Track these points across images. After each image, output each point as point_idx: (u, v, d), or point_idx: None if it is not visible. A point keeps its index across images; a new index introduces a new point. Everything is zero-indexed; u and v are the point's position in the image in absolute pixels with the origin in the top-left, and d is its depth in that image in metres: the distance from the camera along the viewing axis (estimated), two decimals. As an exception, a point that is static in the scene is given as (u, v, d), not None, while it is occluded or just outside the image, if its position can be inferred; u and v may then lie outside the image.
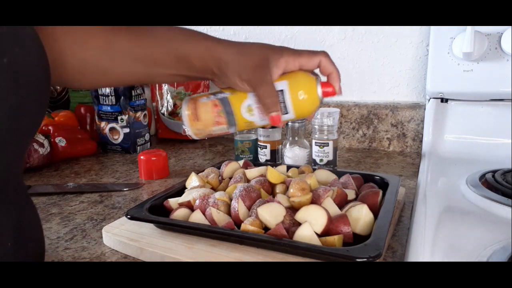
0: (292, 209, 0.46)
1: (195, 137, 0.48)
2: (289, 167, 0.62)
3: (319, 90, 0.44)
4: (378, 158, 0.86)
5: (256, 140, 0.78)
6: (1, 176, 0.28)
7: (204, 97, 0.47)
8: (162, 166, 0.77)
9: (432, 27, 0.80)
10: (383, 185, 0.54)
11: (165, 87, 1.09)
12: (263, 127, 0.61)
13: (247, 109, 0.45)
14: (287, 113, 0.45)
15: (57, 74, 0.39)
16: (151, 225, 0.49)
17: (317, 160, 0.70)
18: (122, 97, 0.94)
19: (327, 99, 1.01)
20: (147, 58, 0.43)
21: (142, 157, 0.76)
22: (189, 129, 0.47)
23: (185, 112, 0.46)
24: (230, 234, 0.43)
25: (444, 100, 0.80)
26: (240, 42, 0.45)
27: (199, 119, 0.46)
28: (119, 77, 0.45)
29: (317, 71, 0.47)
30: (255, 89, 0.43)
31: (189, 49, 0.43)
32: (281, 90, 0.44)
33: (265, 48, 0.44)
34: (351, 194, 0.52)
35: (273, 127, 0.52)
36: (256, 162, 0.69)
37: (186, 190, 0.56)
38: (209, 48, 0.43)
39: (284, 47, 0.45)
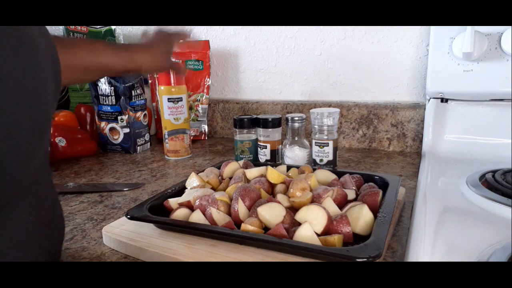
0: (292, 209, 0.46)
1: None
2: (289, 167, 0.62)
3: None
4: (378, 158, 0.86)
5: (256, 140, 0.78)
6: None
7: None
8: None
9: (432, 27, 0.80)
10: (383, 185, 0.54)
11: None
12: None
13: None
14: None
15: None
16: (151, 225, 0.49)
17: (317, 160, 0.70)
18: (122, 97, 0.94)
19: (328, 100, 1.01)
20: (79, 67, 0.57)
21: None
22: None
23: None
24: (230, 234, 0.43)
25: (444, 100, 0.80)
26: (148, 45, 0.67)
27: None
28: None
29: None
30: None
31: (113, 62, 0.61)
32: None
33: (160, 48, 0.69)
34: (351, 194, 0.52)
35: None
36: (256, 162, 0.69)
37: (186, 190, 0.56)
38: (130, 60, 0.63)
39: (156, 44, 0.69)
